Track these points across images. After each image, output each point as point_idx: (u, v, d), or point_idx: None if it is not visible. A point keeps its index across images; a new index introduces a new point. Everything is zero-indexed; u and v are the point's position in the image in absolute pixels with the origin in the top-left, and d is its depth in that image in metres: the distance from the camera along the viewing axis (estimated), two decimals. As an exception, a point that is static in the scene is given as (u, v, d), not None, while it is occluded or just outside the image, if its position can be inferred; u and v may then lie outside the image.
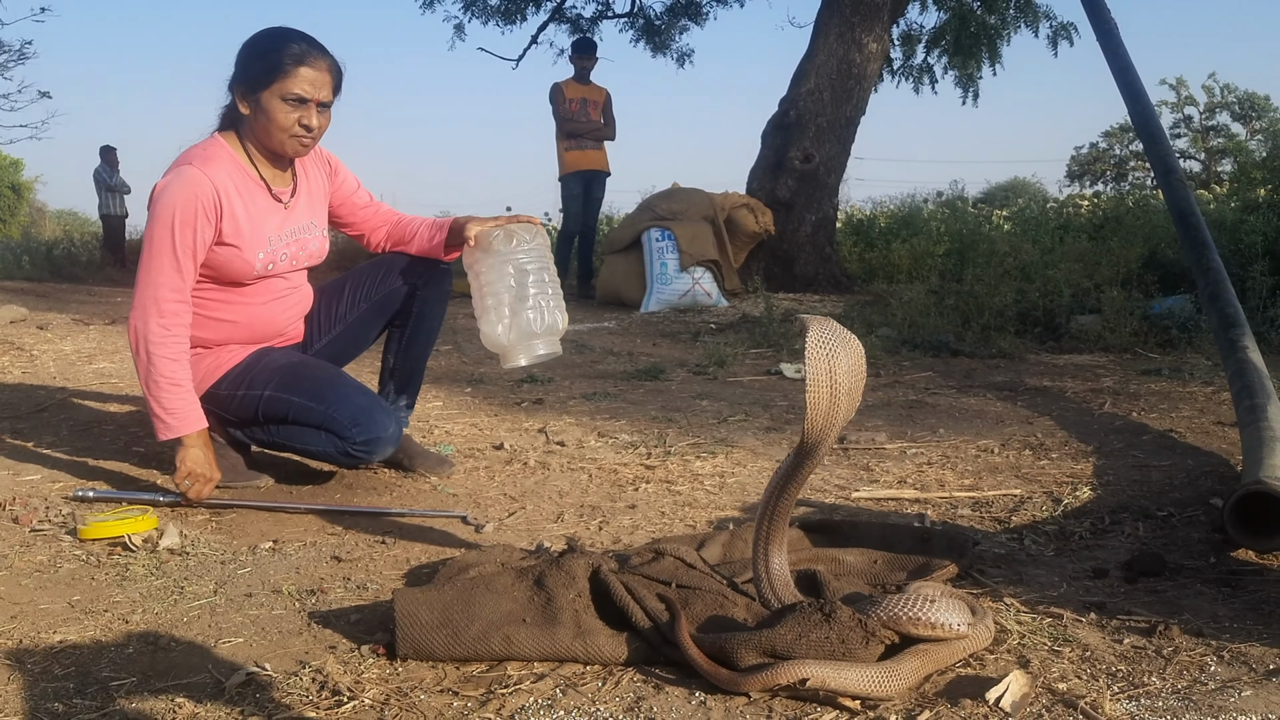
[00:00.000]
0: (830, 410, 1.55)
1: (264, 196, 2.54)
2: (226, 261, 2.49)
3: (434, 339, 2.87)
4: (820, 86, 8.62)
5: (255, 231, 2.50)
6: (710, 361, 4.93)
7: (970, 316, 5.52)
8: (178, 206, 2.39)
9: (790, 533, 2.11)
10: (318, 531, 2.35)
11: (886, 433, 3.31)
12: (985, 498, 2.56)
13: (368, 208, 2.81)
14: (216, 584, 1.99)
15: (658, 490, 2.69)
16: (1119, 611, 1.78)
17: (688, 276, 7.56)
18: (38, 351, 4.92)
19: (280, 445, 2.66)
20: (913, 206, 13.22)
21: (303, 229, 2.63)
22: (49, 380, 4.17)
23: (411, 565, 2.11)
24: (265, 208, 2.54)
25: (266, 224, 2.54)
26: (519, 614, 1.65)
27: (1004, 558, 2.10)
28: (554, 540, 2.26)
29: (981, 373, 4.54)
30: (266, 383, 2.58)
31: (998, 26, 10.97)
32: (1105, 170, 38.87)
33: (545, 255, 2.48)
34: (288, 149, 2.50)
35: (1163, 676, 1.53)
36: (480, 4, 12.54)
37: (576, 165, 8.31)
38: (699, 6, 12.76)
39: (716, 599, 1.69)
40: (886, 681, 1.46)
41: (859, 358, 1.58)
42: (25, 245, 15.65)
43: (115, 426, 3.38)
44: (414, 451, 2.86)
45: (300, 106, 2.44)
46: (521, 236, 2.47)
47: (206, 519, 2.43)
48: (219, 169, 2.45)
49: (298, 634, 1.74)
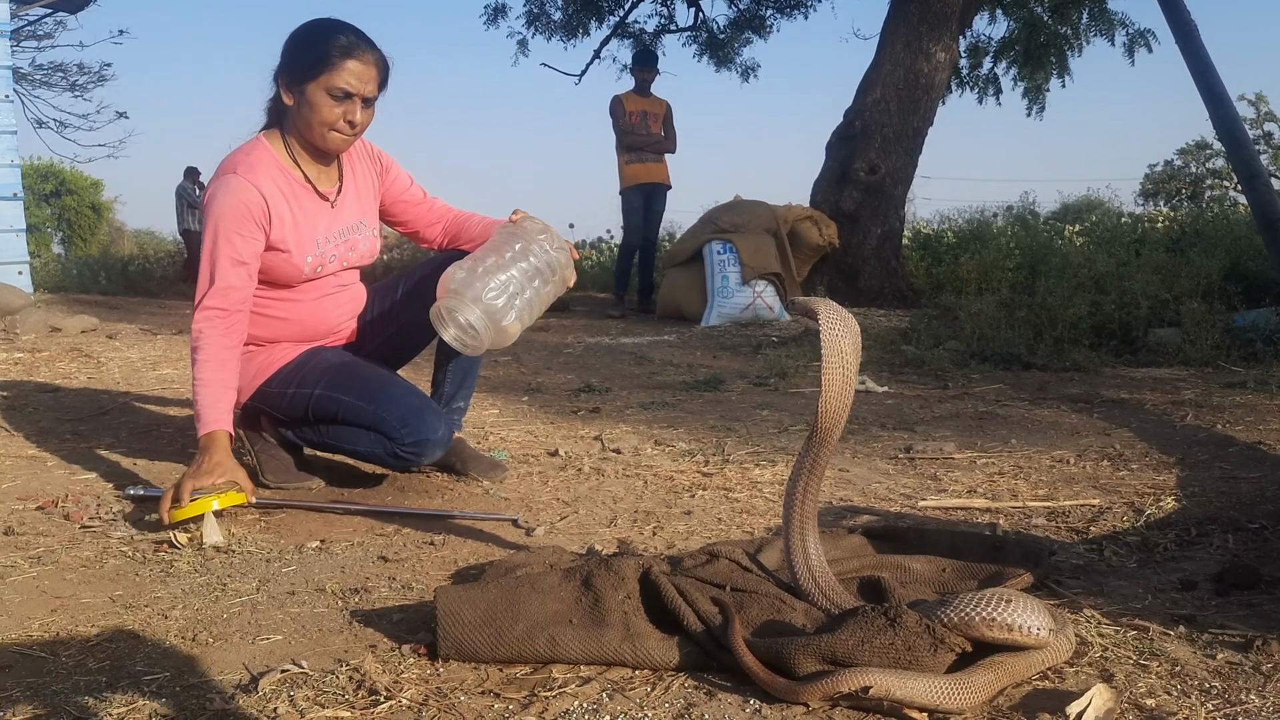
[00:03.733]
0: (843, 389, 1.52)
1: (310, 198, 2.51)
2: (275, 265, 2.46)
3: (487, 342, 2.82)
4: (886, 96, 8.49)
5: (303, 235, 2.48)
6: (771, 373, 4.84)
7: (1042, 329, 5.38)
8: (226, 217, 2.36)
9: (852, 539, 2.03)
10: (366, 532, 2.31)
11: (955, 443, 3.19)
12: (1061, 508, 2.45)
13: (422, 204, 2.77)
14: (259, 581, 1.95)
15: (714, 497, 2.61)
16: (1211, 625, 1.66)
17: (749, 290, 7.46)
18: (105, 359, 4.99)
19: (330, 446, 2.63)
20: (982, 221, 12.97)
21: (351, 229, 2.60)
22: (113, 385, 4.21)
23: (459, 566, 2.06)
24: (312, 209, 2.51)
25: (314, 226, 2.51)
26: (565, 615, 1.58)
27: (1083, 568, 1.99)
28: (606, 544, 2.19)
29: (1055, 385, 4.39)
30: (317, 381, 2.55)
31: (1069, 36, 10.74)
32: (1180, 188, 37.88)
33: (550, 275, 2.43)
34: (329, 144, 2.46)
35: (1262, 694, 1.41)
36: (544, 19, 12.62)
37: (637, 178, 8.27)
38: (762, 19, 12.70)
39: (773, 603, 1.61)
40: (957, 693, 1.35)
41: (859, 337, 1.58)
42: (103, 262, 16.05)
43: (174, 429, 3.39)
44: (466, 455, 2.81)
45: (345, 101, 2.40)
46: (555, 242, 2.43)
47: (255, 519, 2.41)
48: (263, 175, 2.43)
49: (338, 632, 1.69)
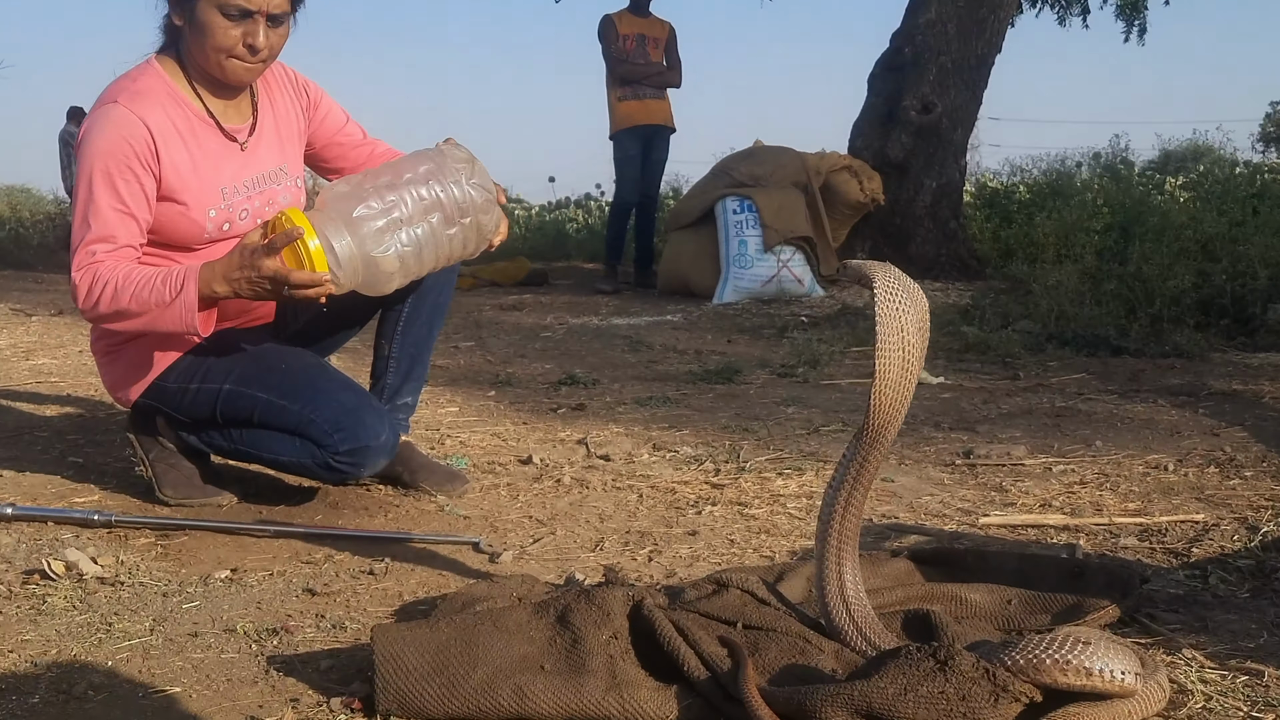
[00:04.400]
0: (903, 377, 1.52)
1: (213, 137, 2.51)
2: (170, 221, 2.45)
3: (440, 319, 2.83)
4: (943, 17, 8.47)
5: (205, 183, 2.47)
6: (800, 361, 4.84)
7: (1137, 305, 5.40)
8: (103, 155, 2.35)
9: (896, 565, 2.03)
10: (289, 560, 2.31)
11: (1027, 445, 3.20)
12: (1157, 524, 2.45)
13: (361, 147, 2.77)
14: (154, 621, 1.95)
15: (726, 514, 2.61)
16: (1342, 669, 1.66)
17: (773, 258, 7.45)
18: (-35, 346, 4.99)
19: (245, 454, 2.63)
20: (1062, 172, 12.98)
21: (268, 177, 2.59)
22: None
23: (405, 601, 2.06)
24: (216, 151, 2.50)
25: (219, 172, 2.50)
26: (536, 659, 1.58)
27: (1182, 599, 1.99)
28: (589, 572, 2.19)
29: (1151, 374, 4.41)
30: (226, 374, 2.54)
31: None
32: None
33: (458, 217, 2.39)
34: (229, 74, 2.45)
35: (1405, 754, 1.41)
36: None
37: (632, 119, 8.26)
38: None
39: (796, 644, 1.61)
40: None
41: (926, 313, 1.57)
42: (-37, 227, 16.03)
43: (50, 433, 3.39)
44: (417, 464, 2.81)
45: (243, 20, 2.38)
46: (477, 178, 2.40)
47: (151, 542, 2.41)
48: (152, 106, 2.41)
49: (251, 683, 1.69)
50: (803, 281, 7.46)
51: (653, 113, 8.31)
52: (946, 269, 8.28)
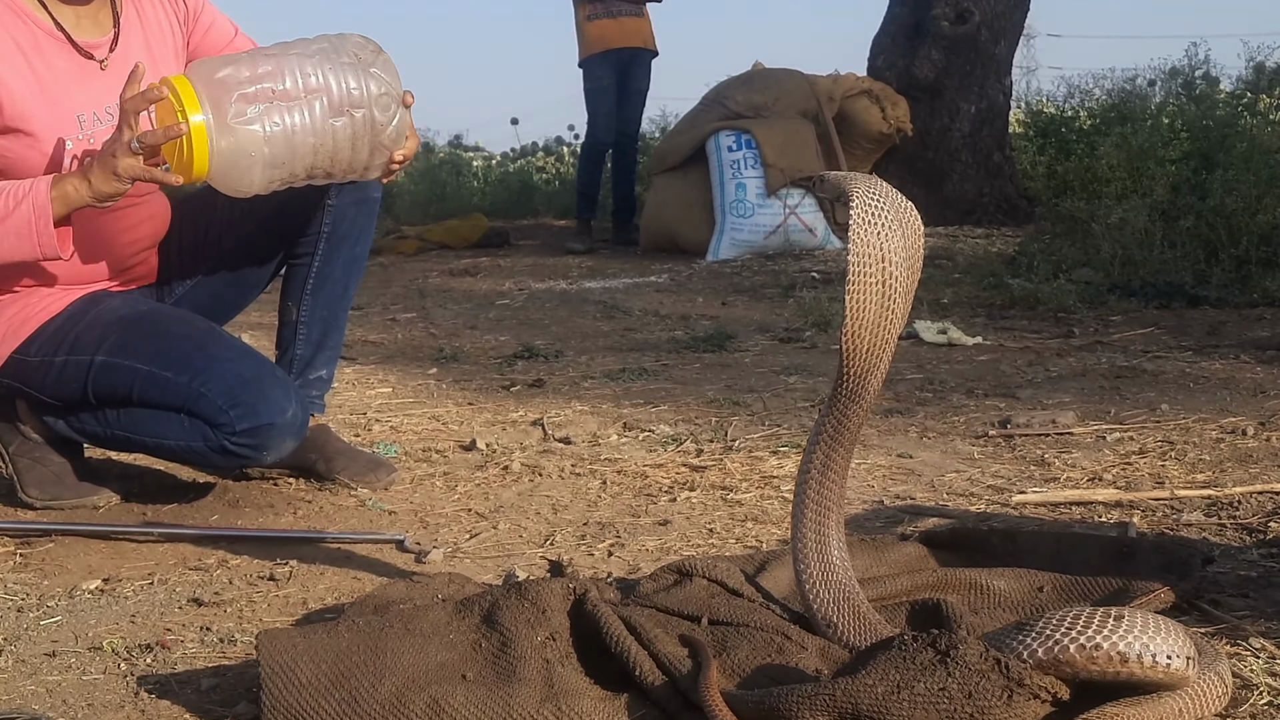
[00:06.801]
0: (881, 315, 1.54)
1: (65, 54, 2.49)
2: (17, 157, 2.43)
3: (358, 273, 2.83)
4: (980, -95, 8.47)
5: (57, 109, 2.45)
6: (807, 323, 4.87)
7: (1218, 246, 5.42)
8: None
9: (906, 549, 2.05)
10: (175, 566, 2.32)
11: (1076, 411, 3.22)
12: (1228, 496, 2.47)
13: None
14: (4, 639, 1.96)
15: (706, 500, 2.63)
16: None
17: (777, 204, 7.46)
18: None
19: (124, 440, 2.63)
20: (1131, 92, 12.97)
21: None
22: None
23: (311, 609, 2.07)
24: (68, 71, 2.49)
25: (73, 96, 2.48)
26: (456, 667, 1.58)
27: (1254, 582, 2.01)
28: (534, 569, 2.21)
29: (1234, 326, 4.45)
30: (98, 344, 2.53)
31: None
32: None
33: (350, 108, 2.32)
34: None
35: None
36: None
37: (605, 41, 8.26)
38: None
39: (772, 640, 1.61)
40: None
41: (918, 237, 1.57)
42: None
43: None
44: (332, 450, 2.82)
45: None
46: (382, 67, 2.36)
47: (9, 551, 2.41)
48: None
49: (116, 708, 1.70)
50: (814, 231, 7.47)
51: (629, 33, 8.30)
52: (990, 211, 8.30)
